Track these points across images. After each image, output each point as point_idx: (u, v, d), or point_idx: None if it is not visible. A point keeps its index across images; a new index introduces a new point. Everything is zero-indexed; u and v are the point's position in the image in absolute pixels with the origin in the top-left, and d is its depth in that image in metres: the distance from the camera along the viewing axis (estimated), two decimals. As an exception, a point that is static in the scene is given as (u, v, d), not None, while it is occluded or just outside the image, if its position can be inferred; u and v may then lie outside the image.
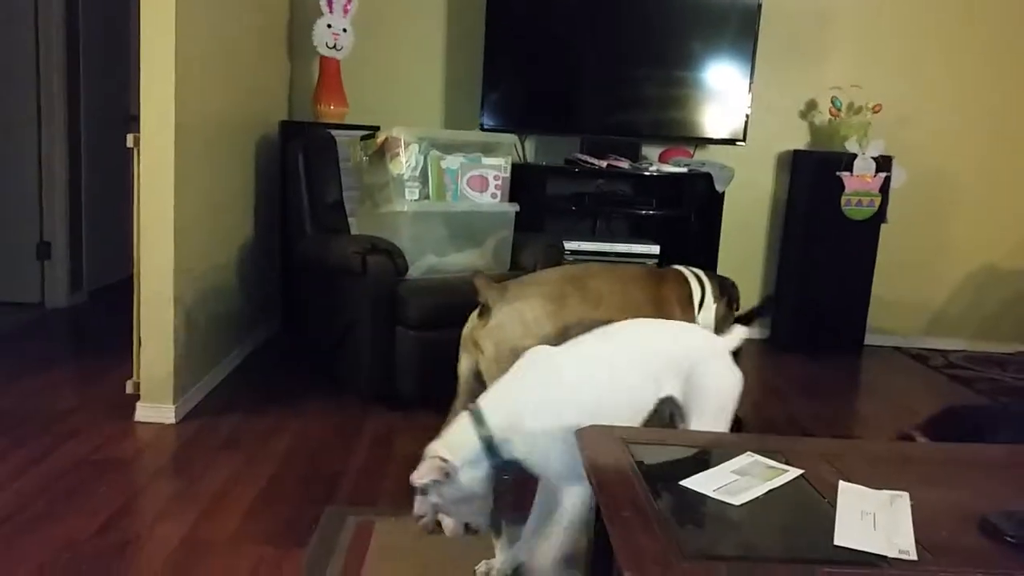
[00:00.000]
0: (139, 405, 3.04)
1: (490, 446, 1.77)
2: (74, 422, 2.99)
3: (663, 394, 2.00)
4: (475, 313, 2.54)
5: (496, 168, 3.66)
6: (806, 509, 1.42)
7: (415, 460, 1.78)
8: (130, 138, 3.06)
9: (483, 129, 4.33)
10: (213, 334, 3.48)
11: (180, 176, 3.03)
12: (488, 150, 3.68)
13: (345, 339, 3.42)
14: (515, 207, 3.67)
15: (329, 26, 4.27)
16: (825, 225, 4.51)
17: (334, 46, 4.30)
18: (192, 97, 3.11)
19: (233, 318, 3.77)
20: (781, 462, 1.53)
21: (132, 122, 5.49)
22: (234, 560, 2.13)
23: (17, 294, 4.66)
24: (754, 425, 3.37)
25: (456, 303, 2.77)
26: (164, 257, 3.00)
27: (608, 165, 4.29)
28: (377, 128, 3.74)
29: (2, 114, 4.53)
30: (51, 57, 4.57)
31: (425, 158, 3.51)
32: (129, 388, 3.14)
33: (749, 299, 4.66)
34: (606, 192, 4.47)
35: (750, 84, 4.41)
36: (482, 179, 3.63)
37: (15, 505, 2.36)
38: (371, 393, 3.32)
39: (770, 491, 1.42)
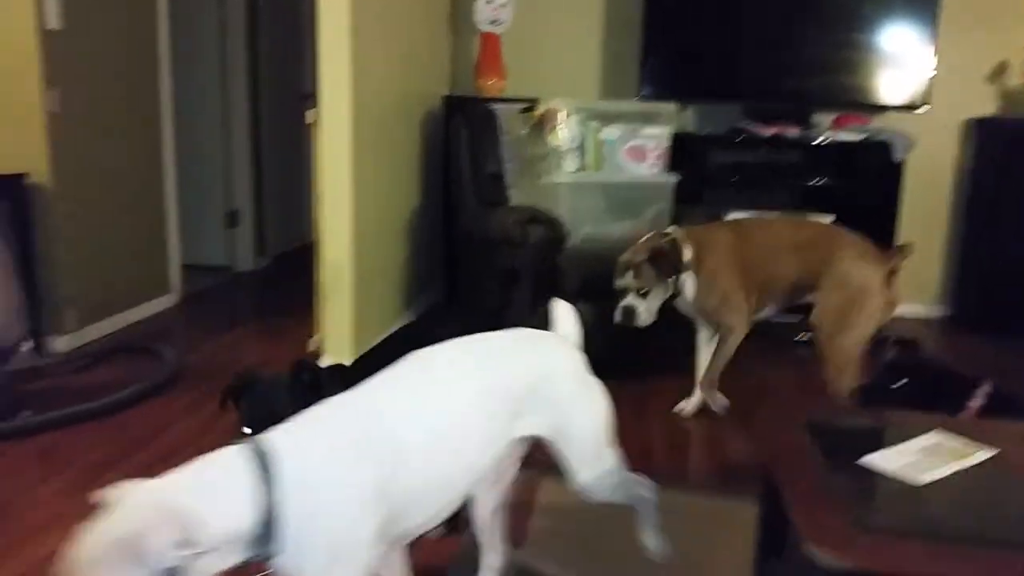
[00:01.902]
0: (321, 361, 3.28)
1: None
2: (263, 375, 3.27)
3: (520, 434, 1.49)
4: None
5: (655, 138, 3.63)
6: (1001, 490, 1.35)
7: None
8: (310, 114, 3.27)
9: (642, 99, 4.28)
10: (385, 298, 3.69)
11: (356, 150, 3.21)
12: (647, 120, 3.65)
13: (506, 308, 3.53)
14: (674, 178, 3.63)
15: (489, 2, 4.35)
16: (1016, 197, 4.15)
17: (494, 21, 4.38)
18: (366, 75, 3.28)
19: (402, 284, 3.97)
20: (971, 443, 1.46)
21: (306, 99, 5.84)
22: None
23: (209, 258, 5.10)
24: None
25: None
26: (343, 225, 3.20)
27: (775, 133, 4.14)
28: (536, 101, 3.80)
29: (192, 94, 4.94)
30: (234, 39, 4.94)
31: (583, 129, 3.53)
32: (312, 345, 3.39)
33: (927, 276, 4.40)
34: (772, 162, 4.31)
35: (934, 45, 4.11)
36: (640, 150, 3.61)
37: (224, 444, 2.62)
38: (530, 359, 3.41)
39: (959, 471, 1.36)
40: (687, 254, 2.82)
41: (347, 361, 3.16)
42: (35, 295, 3.32)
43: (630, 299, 2.76)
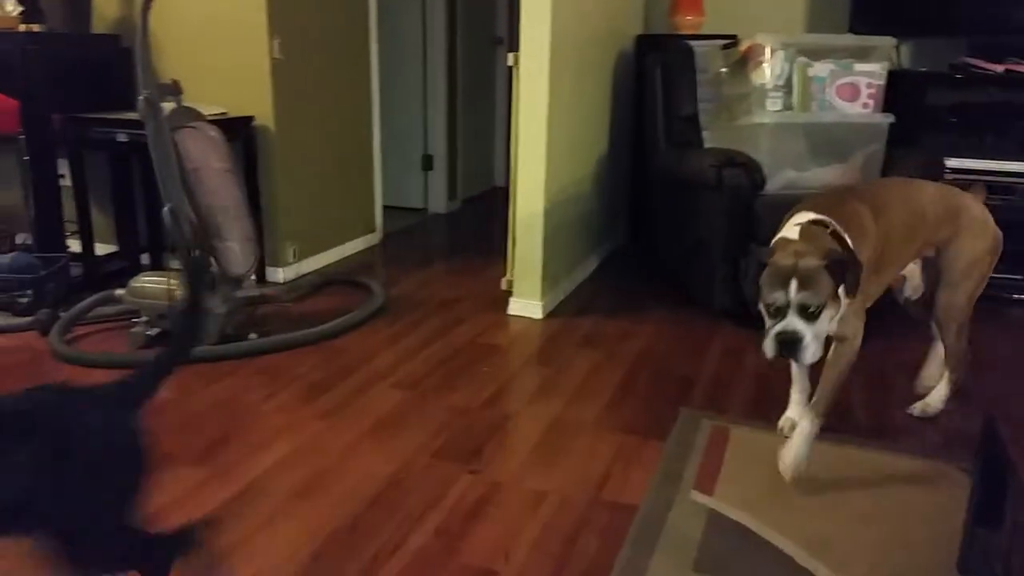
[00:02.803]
0: (511, 300, 3.39)
1: None
2: (459, 310, 3.44)
3: None
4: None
5: (870, 75, 3.37)
6: None
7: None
8: (510, 57, 3.32)
9: (854, 32, 3.98)
10: (574, 241, 3.73)
11: (552, 91, 3.23)
12: (861, 55, 3.39)
13: (696, 253, 3.46)
14: (889, 118, 3.36)
15: (690, -67, 4.17)
16: None
17: (694, -46, 4.20)
18: (564, 16, 3.27)
19: (590, 227, 3.99)
20: None
21: (498, 43, 5.92)
22: (597, 442, 2.33)
23: (406, 200, 5.37)
24: None
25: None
26: (537, 168, 3.25)
27: (1006, 70, 3.72)
28: (735, 37, 3.63)
29: (395, 42, 5.14)
30: (436, -14, 5.08)
31: (791, 66, 3.34)
32: (503, 285, 3.51)
33: None
34: (1000, 102, 3.89)
35: None
36: (853, 87, 3.37)
37: (421, 373, 2.81)
38: (722, 308, 3.34)
39: None
40: (848, 240, 2.03)
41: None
42: (259, 228, 3.65)
43: (793, 322, 1.87)
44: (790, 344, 1.87)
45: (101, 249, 3.88)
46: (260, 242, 3.65)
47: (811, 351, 1.88)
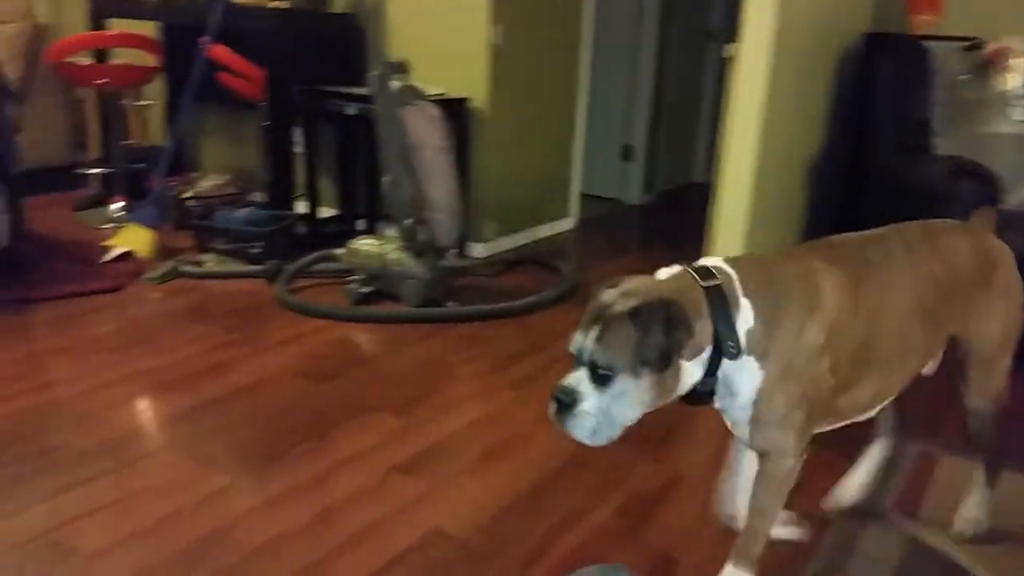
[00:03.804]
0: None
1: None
2: (649, 302, 3.44)
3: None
4: None
5: None
6: None
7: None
8: (728, 48, 3.25)
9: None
10: (776, 242, 3.60)
11: (771, 86, 3.13)
12: None
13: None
14: None
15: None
16: None
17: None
18: (790, 8, 3.15)
19: (795, 227, 3.84)
20: None
21: (711, 36, 5.80)
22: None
23: (602, 189, 5.40)
24: None
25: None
26: (745, 165, 3.17)
27: None
28: (976, 39, 3.34)
29: (606, 31, 5.17)
30: (654, -24, 5.06)
31: (1045, 72, 3.04)
32: (697, 280, 3.46)
33: None
34: None
35: None
36: (1119, 99, 3.01)
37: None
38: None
39: None
40: (744, 317, 1.37)
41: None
42: (465, 204, 3.82)
43: (574, 380, 1.34)
44: (561, 405, 1.34)
45: (324, 211, 4.22)
46: (465, 217, 3.82)
47: (586, 426, 1.32)
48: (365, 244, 3.30)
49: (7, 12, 4.50)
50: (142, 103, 4.59)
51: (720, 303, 1.35)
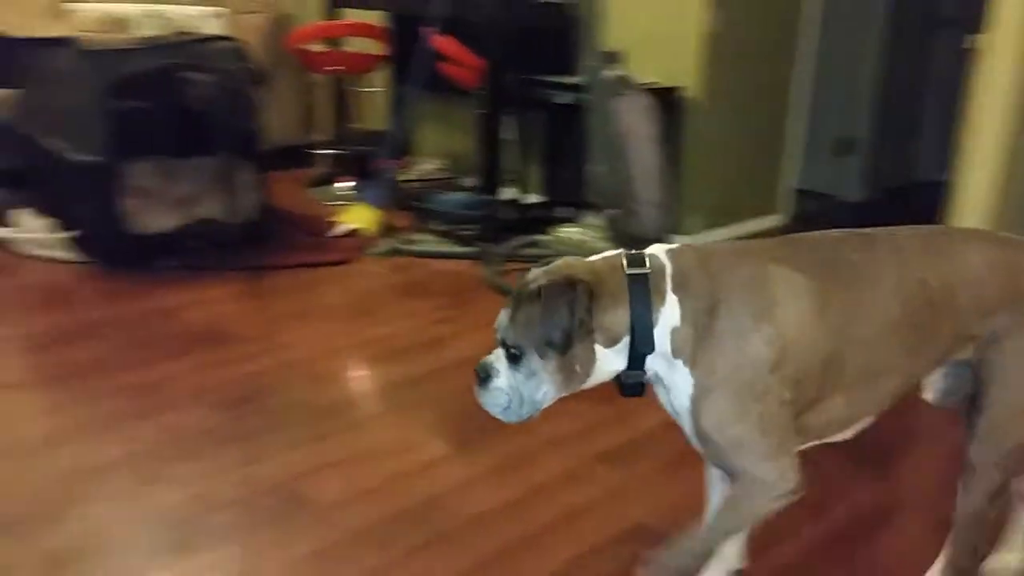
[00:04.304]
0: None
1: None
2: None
3: None
4: None
5: None
6: None
7: None
8: (970, 39, 2.98)
9: None
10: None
11: (1020, 80, 2.84)
12: None
13: None
14: None
15: None
16: None
17: None
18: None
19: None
20: None
21: (940, 24, 5.32)
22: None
23: (816, 184, 5.12)
24: None
25: None
26: (988, 166, 2.90)
27: None
28: None
29: (830, 22, 4.88)
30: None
31: None
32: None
33: None
34: None
35: None
36: None
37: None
38: None
39: None
40: (668, 314, 1.27)
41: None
42: (671, 196, 3.77)
43: (493, 357, 1.33)
44: (479, 379, 1.34)
45: (530, 198, 4.33)
46: (671, 209, 3.78)
47: (499, 402, 1.32)
48: (570, 232, 3.36)
49: (255, 3, 4.96)
50: (368, 89, 4.91)
51: (640, 295, 1.27)
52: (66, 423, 2.14)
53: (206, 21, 3.84)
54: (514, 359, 1.29)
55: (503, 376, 1.30)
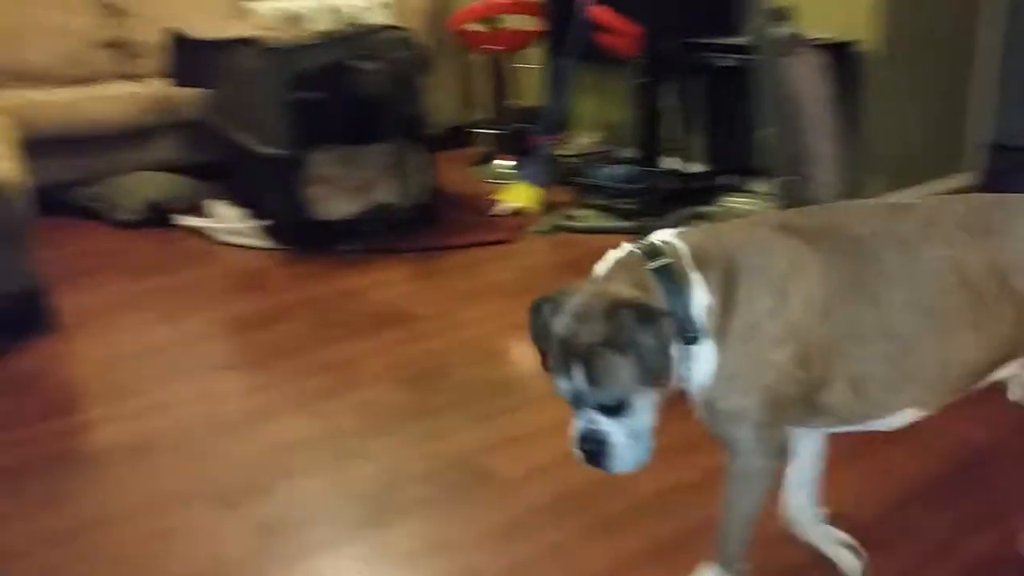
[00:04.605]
0: None
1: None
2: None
3: None
4: None
5: None
6: None
7: None
8: None
9: None
10: None
11: None
12: None
13: None
14: None
15: None
16: None
17: None
18: None
19: None
20: None
21: None
22: None
23: (1010, 138, 4.68)
24: None
25: None
26: None
27: None
28: None
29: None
30: None
31: None
32: None
33: None
34: None
35: None
36: None
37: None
38: None
39: None
40: (697, 292, 1.25)
41: None
42: (849, 158, 3.56)
43: (589, 423, 1.25)
44: (595, 454, 1.26)
45: (692, 167, 4.23)
46: (849, 172, 3.57)
47: (627, 459, 1.26)
48: (738, 201, 3.26)
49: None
50: (525, 65, 4.94)
51: (672, 286, 1.24)
52: (269, 400, 2.34)
53: (374, 11, 4.00)
54: (617, 411, 1.23)
55: (616, 433, 1.24)
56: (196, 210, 3.78)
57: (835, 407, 1.33)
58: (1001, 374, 1.38)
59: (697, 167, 4.24)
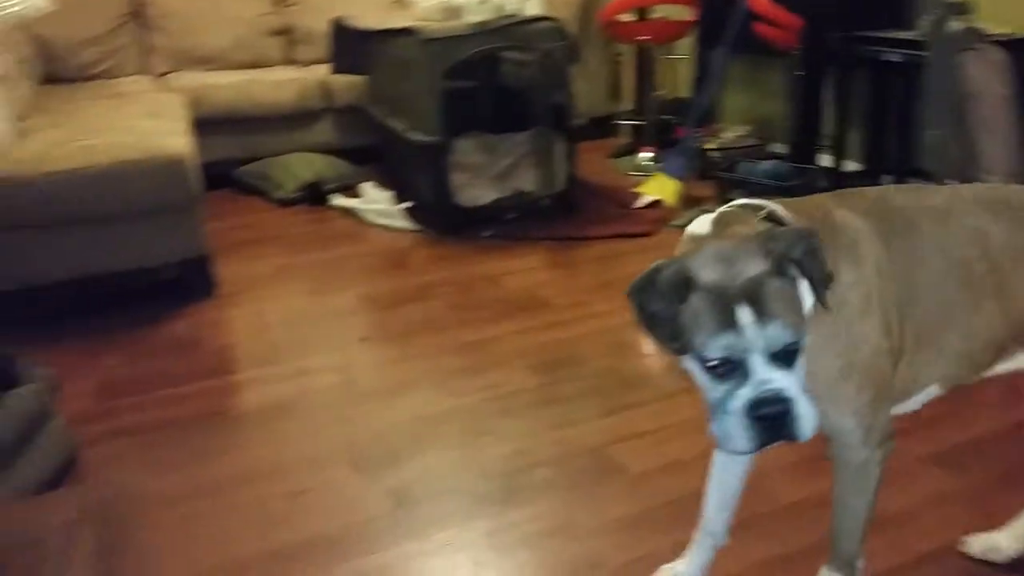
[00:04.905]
0: None
1: None
2: None
3: None
4: None
5: None
6: None
7: None
8: None
9: None
10: None
11: None
12: None
13: None
14: None
15: None
16: None
17: None
18: None
19: None
20: None
21: None
22: None
23: None
24: None
25: None
26: None
27: None
28: None
29: None
30: None
31: None
32: None
33: None
34: None
35: None
36: None
37: None
38: None
39: None
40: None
41: None
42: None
43: (772, 378, 1.05)
44: (778, 419, 1.05)
45: (848, 166, 4.02)
46: (1021, 180, 3.29)
47: (810, 420, 1.07)
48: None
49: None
50: (674, 56, 4.85)
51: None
52: (408, 374, 2.42)
53: (530, 2, 4.03)
54: (788, 360, 1.07)
55: (796, 391, 1.07)
56: (349, 191, 3.96)
57: (896, 390, 1.28)
58: (1014, 363, 1.36)
59: (853, 165, 4.03)
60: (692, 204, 3.72)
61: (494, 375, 2.38)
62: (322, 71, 4.39)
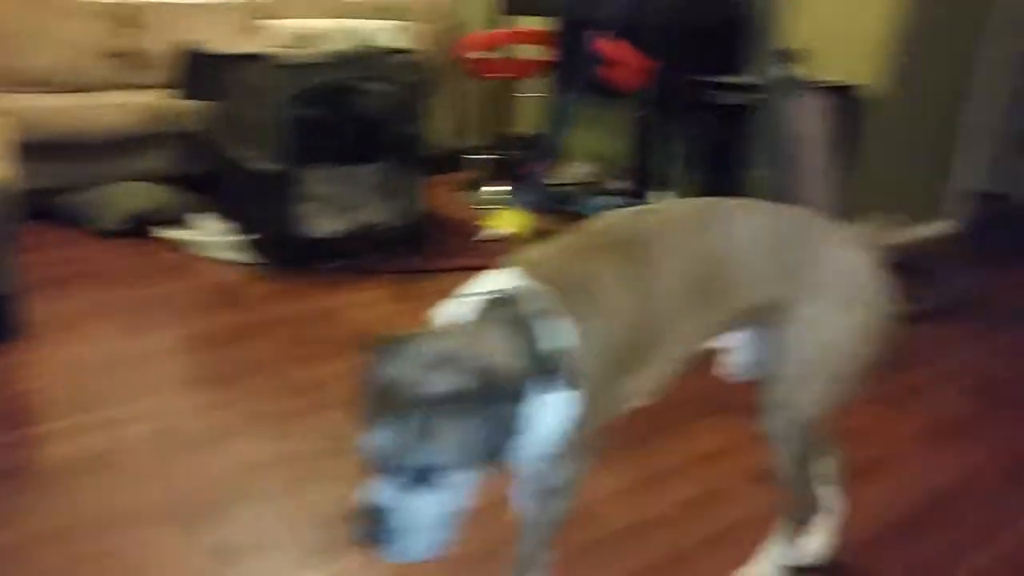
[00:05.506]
0: None
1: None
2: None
3: None
4: None
5: None
6: None
7: None
8: None
9: None
10: None
11: None
12: None
13: None
14: None
15: None
16: None
17: None
18: None
19: None
20: None
21: None
22: None
23: (996, 186, 4.66)
24: None
25: None
26: None
27: None
28: None
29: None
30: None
31: None
32: None
33: None
34: None
35: None
36: None
37: (999, 379, 2.49)
38: None
39: None
40: (564, 333, 1.21)
41: None
42: (844, 202, 3.54)
43: (381, 493, 1.12)
44: (371, 529, 1.11)
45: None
46: (842, 216, 3.54)
47: (417, 546, 1.11)
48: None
49: (434, 14, 5.08)
50: (527, 94, 4.93)
51: (530, 332, 1.17)
52: (234, 420, 2.27)
53: (391, 33, 3.96)
54: (422, 480, 1.08)
55: (413, 510, 1.09)
56: (179, 222, 3.74)
57: (617, 399, 1.37)
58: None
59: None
60: (540, 236, 3.76)
61: (327, 416, 2.27)
62: (160, 95, 4.15)
